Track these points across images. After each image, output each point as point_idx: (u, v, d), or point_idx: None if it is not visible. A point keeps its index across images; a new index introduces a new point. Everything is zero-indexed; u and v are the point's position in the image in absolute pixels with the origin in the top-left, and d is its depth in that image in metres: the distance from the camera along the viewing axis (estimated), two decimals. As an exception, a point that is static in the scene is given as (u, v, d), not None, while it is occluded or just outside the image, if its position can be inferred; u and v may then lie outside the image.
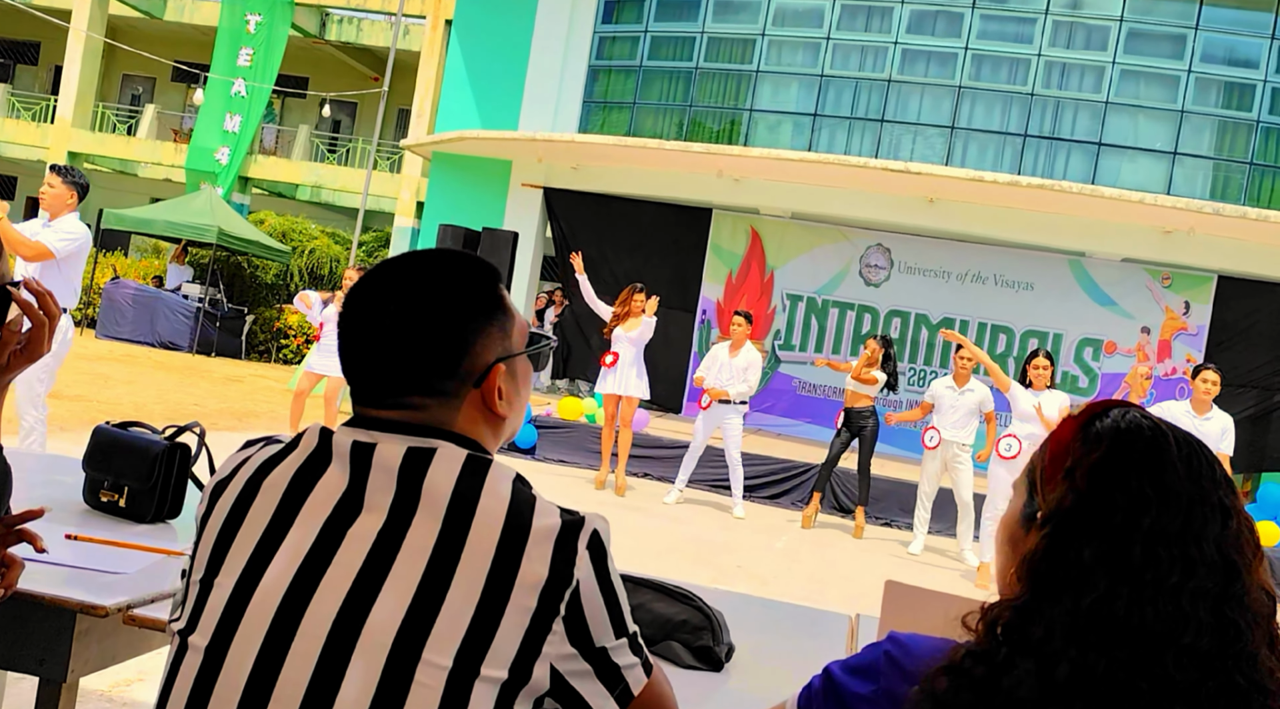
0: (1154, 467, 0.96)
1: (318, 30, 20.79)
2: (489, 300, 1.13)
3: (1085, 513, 0.95)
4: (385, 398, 1.09)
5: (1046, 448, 1.03)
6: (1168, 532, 0.93)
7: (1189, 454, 0.97)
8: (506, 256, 10.76)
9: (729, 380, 8.12)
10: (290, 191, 21.42)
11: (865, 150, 12.31)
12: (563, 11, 13.55)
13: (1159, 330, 11.87)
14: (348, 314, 1.12)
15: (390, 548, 1.00)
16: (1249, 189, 11.58)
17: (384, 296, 1.10)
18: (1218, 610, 0.91)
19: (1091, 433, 1.00)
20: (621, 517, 7.40)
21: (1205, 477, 0.96)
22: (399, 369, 1.09)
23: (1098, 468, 0.97)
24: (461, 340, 1.09)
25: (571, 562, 1.00)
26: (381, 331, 1.09)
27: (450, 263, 1.14)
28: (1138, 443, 0.98)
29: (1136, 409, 1.03)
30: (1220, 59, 11.69)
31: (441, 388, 1.09)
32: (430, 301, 1.09)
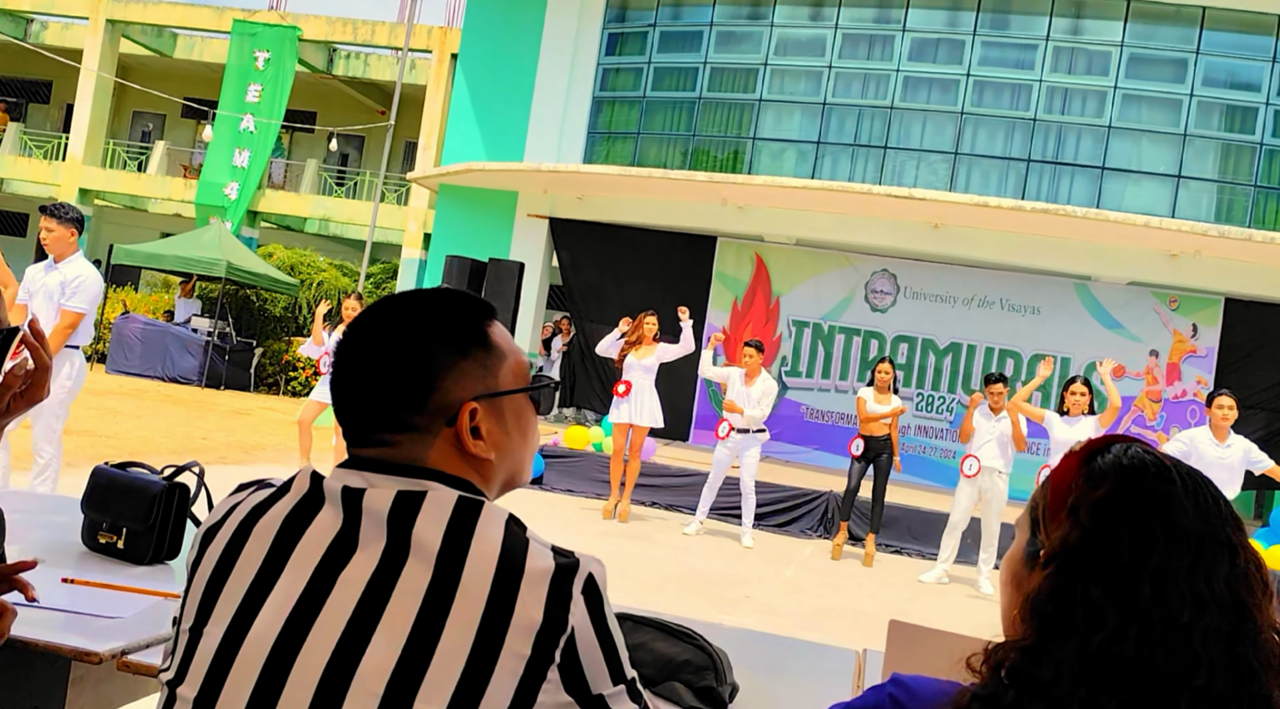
0: (1160, 503, 0.94)
1: (325, 66, 21.02)
2: (464, 335, 1.11)
3: (1091, 551, 0.93)
4: (366, 435, 1.09)
5: (1048, 485, 1.01)
6: (1176, 569, 0.91)
7: (1195, 490, 0.96)
8: (512, 287, 10.81)
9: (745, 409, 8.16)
10: (299, 225, 21.56)
11: (869, 177, 12.35)
12: (567, 44, 13.68)
13: (1167, 353, 11.82)
14: (336, 355, 1.13)
15: (382, 593, 0.99)
16: (1254, 211, 11.57)
17: (362, 334, 1.11)
18: (1231, 651, 0.89)
19: (1094, 469, 0.98)
20: (629, 547, 7.37)
21: (1212, 513, 0.94)
22: (370, 404, 1.09)
23: (1102, 505, 0.95)
24: (427, 373, 1.08)
25: (566, 607, 0.98)
26: (356, 368, 1.10)
27: (430, 299, 1.13)
28: (1143, 479, 0.96)
29: (1139, 444, 1.01)
30: (1222, 83, 11.73)
31: (410, 422, 1.07)
32: (398, 335, 1.09)
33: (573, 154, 13.56)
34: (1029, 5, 12.08)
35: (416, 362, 1.08)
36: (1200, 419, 7.38)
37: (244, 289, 16.64)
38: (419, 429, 1.07)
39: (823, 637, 5.25)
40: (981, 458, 7.47)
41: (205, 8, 20.17)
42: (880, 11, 12.58)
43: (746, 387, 8.18)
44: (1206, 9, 11.58)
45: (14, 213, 24.07)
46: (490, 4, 14.14)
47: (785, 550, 8.27)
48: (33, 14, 21.81)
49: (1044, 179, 12.01)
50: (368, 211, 17.89)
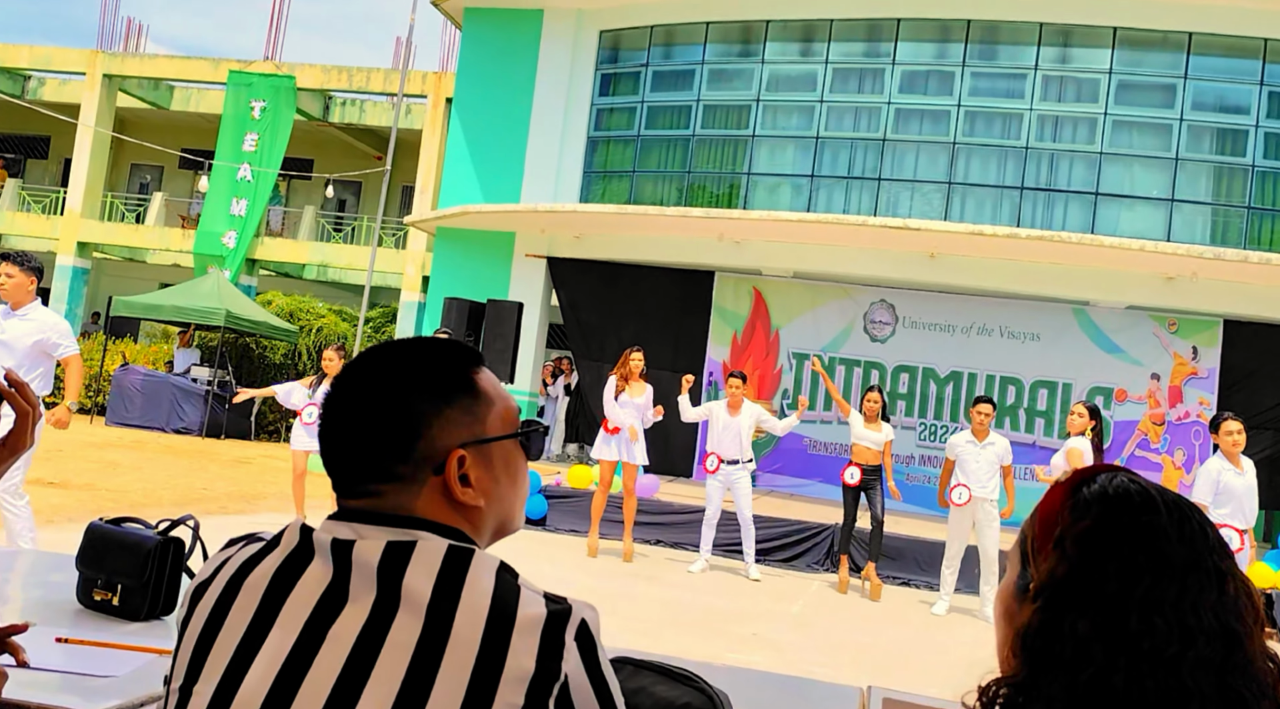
0: (1145, 533, 0.93)
1: (321, 113, 21.21)
2: (449, 383, 1.10)
3: (1078, 583, 0.93)
4: (352, 485, 1.08)
5: (1036, 516, 1.01)
6: (1163, 600, 0.90)
7: (1180, 519, 0.95)
8: (512, 327, 10.82)
9: (731, 442, 8.12)
10: (297, 271, 21.64)
11: (864, 208, 12.41)
12: (560, 85, 13.82)
13: (1169, 376, 11.80)
14: (323, 407, 1.13)
15: (372, 648, 0.97)
16: (1248, 233, 11.61)
17: (346, 386, 1.11)
18: (1221, 681, 0.88)
19: (1080, 500, 0.98)
20: (635, 586, 7.30)
21: (1198, 541, 0.94)
22: (356, 454, 1.08)
23: (1087, 536, 0.95)
24: (411, 423, 1.07)
25: (559, 655, 0.97)
26: (341, 419, 1.09)
27: (414, 348, 1.12)
28: (1127, 508, 0.95)
29: (1125, 473, 1.00)
30: (1211, 106, 11.82)
31: (396, 472, 1.07)
32: (381, 385, 1.09)
33: (569, 194, 13.64)
34: (1016, 35, 12.21)
35: (400, 411, 1.07)
36: (1205, 441, 7.32)
37: (243, 337, 16.66)
38: (405, 479, 1.06)
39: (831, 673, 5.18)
40: (971, 486, 7.37)
41: (201, 60, 20.39)
42: (870, 45, 12.72)
43: (733, 417, 8.19)
44: (1193, 34, 11.71)
45: (14, 267, 24.12)
46: (483, 48, 14.30)
47: (792, 586, 8.19)
48: (30, 71, 22.05)
49: (1038, 206, 12.07)
50: (366, 256, 17.97)
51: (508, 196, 13.69)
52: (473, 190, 14.07)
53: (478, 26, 14.40)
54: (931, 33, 12.50)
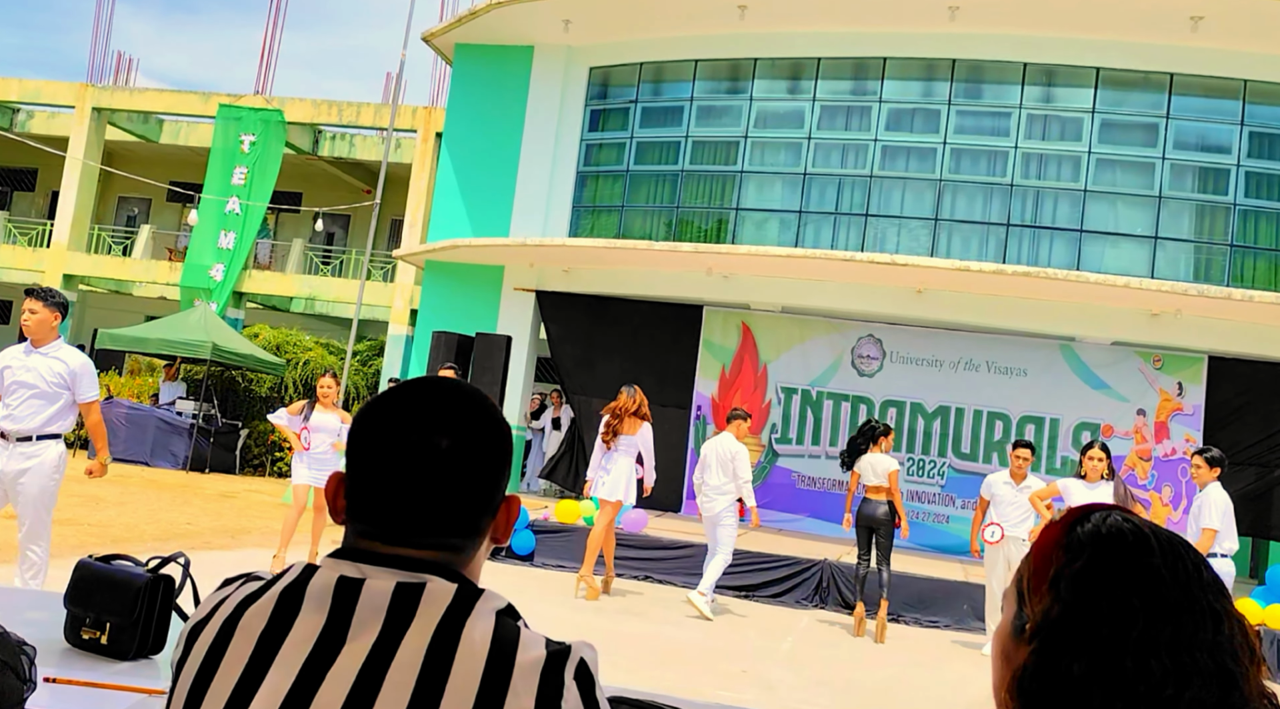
0: (1138, 573, 0.93)
1: (311, 147, 21.28)
2: (510, 438, 1.14)
3: (1071, 625, 0.92)
4: (420, 537, 1.05)
5: (1032, 555, 1.01)
6: (1158, 641, 0.89)
7: (1174, 559, 0.94)
8: (500, 360, 10.80)
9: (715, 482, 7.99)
10: (284, 304, 21.59)
11: (851, 244, 12.49)
12: (550, 121, 13.92)
13: (1154, 412, 11.86)
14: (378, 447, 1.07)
15: (371, 688, 0.97)
16: (1231, 270, 11.74)
17: (431, 435, 1.06)
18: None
19: (1073, 540, 0.97)
20: (624, 624, 7.23)
21: (1192, 581, 0.93)
22: (448, 511, 1.06)
23: (1080, 577, 0.94)
24: (500, 479, 1.11)
25: (559, 694, 0.97)
26: (434, 472, 1.05)
27: (481, 403, 1.12)
28: (1121, 548, 0.95)
29: (1119, 512, 0.99)
30: (1193, 145, 11.99)
31: (480, 526, 1.09)
32: (482, 442, 1.08)
33: (558, 228, 13.69)
34: (1001, 74, 12.39)
35: (497, 470, 1.10)
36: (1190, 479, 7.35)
37: (230, 370, 16.56)
38: (483, 532, 1.10)
39: (825, 712, 5.13)
40: (1005, 526, 7.38)
41: (191, 93, 20.46)
42: (857, 83, 12.88)
43: None
44: (1174, 75, 11.90)
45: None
46: (474, 84, 14.41)
47: (782, 622, 8.13)
48: (19, 104, 22.08)
49: (1024, 243, 12.18)
50: (354, 290, 17.95)
51: (497, 230, 13.73)
52: (462, 224, 14.10)
53: (468, 62, 14.52)
54: (917, 71, 12.67)
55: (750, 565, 8.93)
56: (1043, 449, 11.96)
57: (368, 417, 1.10)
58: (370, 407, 1.11)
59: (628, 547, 9.37)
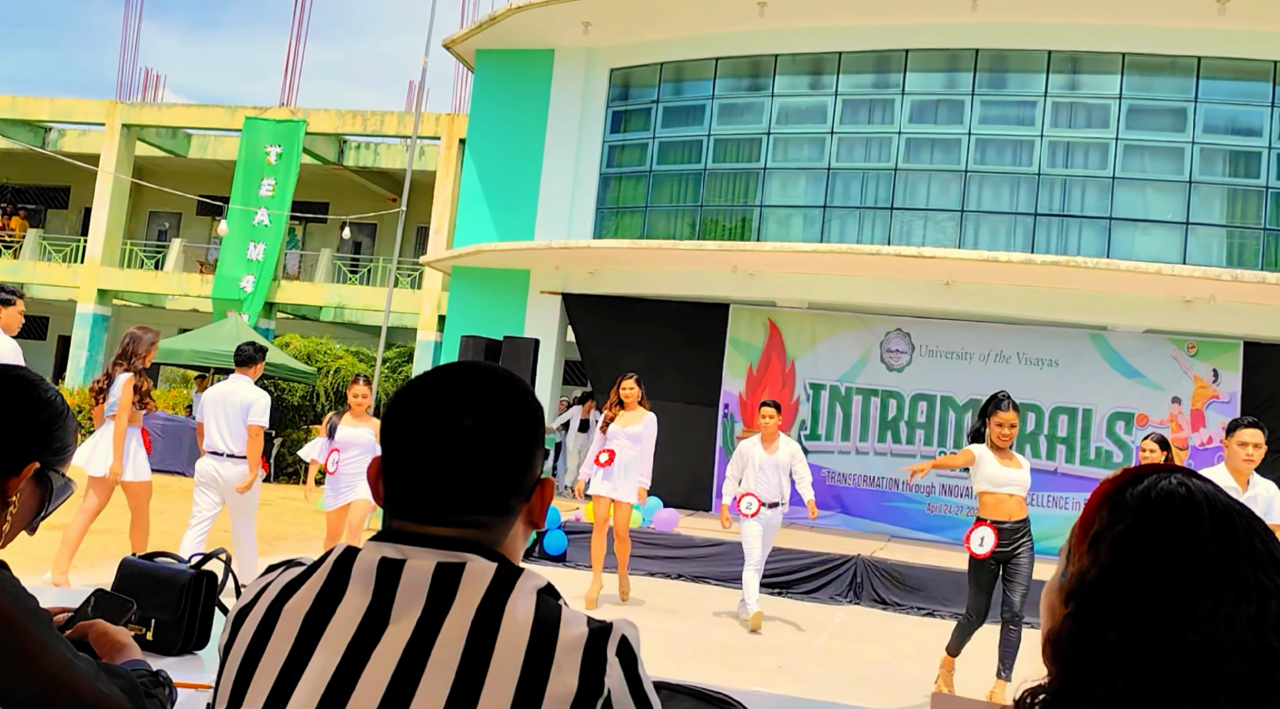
0: (1181, 540, 0.90)
1: (336, 157, 21.48)
2: (541, 417, 1.15)
3: (1108, 589, 0.90)
4: (450, 516, 1.07)
5: (1082, 513, 0.99)
6: (1196, 613, 0.86)
7: (1223, 529, 0.90)
8: (528, 363, 10.83)
9: (769, 482, 7.22)
10: (314, 314, 21.81)
11: (877, 238, 12.43)
12: (572, 124, 13.96)
13: (1190, 400, 11.70)
14: (405, 430, 1.10)
15: (416, 668, 0.98)
16: (1265, 254, 11.56)
17: (455, 414, 1.08)
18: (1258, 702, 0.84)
19: (1120, 501, 0.95)
20: (656, 620, 7.24)
21: (1240, 553, 0.89)
22: (474, 489, 1.08)
23: (1122, 540, 0.92)
24: (530, 458, 1.11)
25: (602, 670, 0.99)
26: (458, 450, 1.07)
27: (509, 381, 1.14)
28: (1167, 514, 0.92)
29: (1179, 474, 0.96)
30: (1223, 129, 11.82)
31: (509, 505, 1.10)
32: (508, 421, 1.10)
33: (583, 230, 13.73)
34: (1025, 63, 12.27)
35: (525, 447, 1.11)
36: None
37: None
38: (513, 511, 1.10)
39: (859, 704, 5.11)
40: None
41: (218, 107, 20.72)
42: (879, 77, 12.81)
43: (770, 454, 7.24)
44: (1202, 59, 11.74)
45: (35, 316, 24.42)
46: (495, 89, 14.48)
47: (816, 618, 8.11)
48: (50, 123, 22.46)
49: (1052, 232, 12.06)
50: (382, 297, 18.08)
51: (522, 234, 13.79)
52: (487, 229, 14.18)
53: (489, 68, 14.59)
54: (940, 63, 12.58)
55: (781, 562, 8.91)
56: (1075, 440, 11.83)
57: (397, 400, 1.12)
58: (400, 391, 1.14)
59: (660, 546, 9.38)
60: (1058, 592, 0.97)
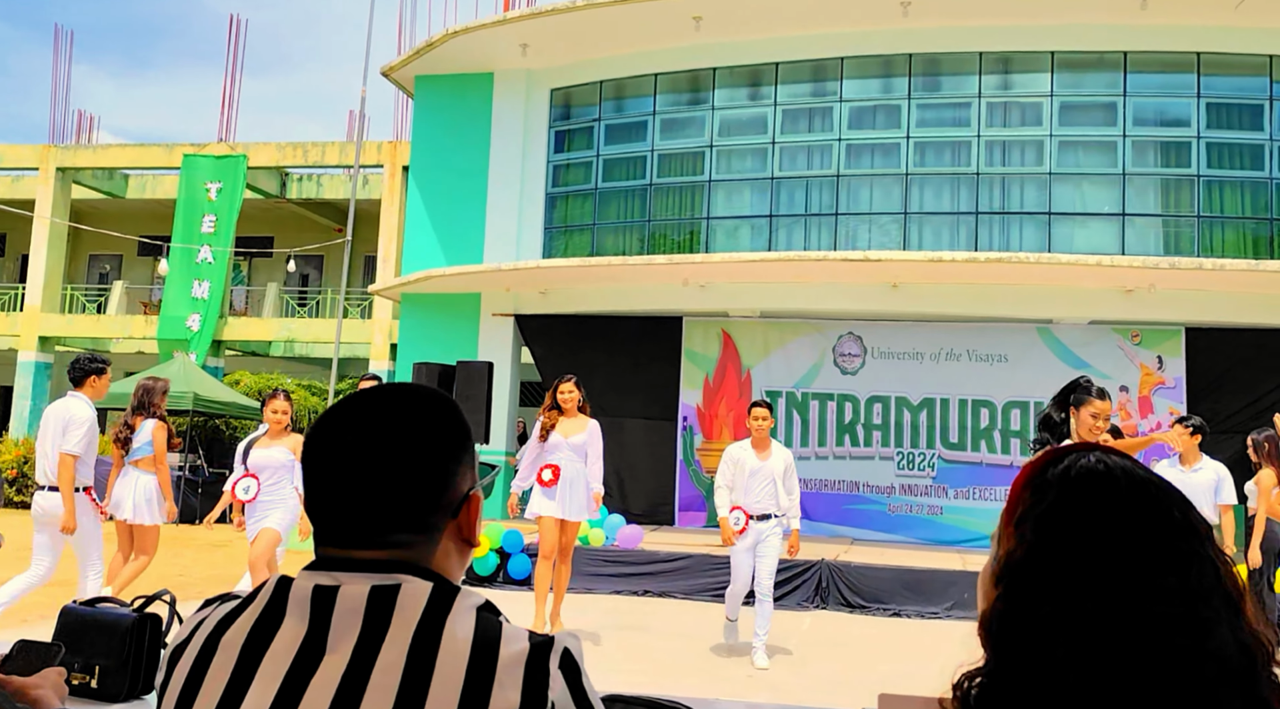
0: (1101, 514, 0.91)
1: (279, 190, 21.24)
2: (465, 432, 1.13)
3: (1035, 568, 0.91)
4: (371, 537, 1.06)
5: (1008, 496, 1.00)
6: (1119, 585, 0.87)
7: (1145, 500, 0.92)
8: (483, 387, 10.76)
9: (761, 492, 6.45)
10: (264, 349, 21.50)
11: (824, 244, 12.55)
12: (515, 145, 13.95)
13: (1137, 388, 11.93)
14: (322, 454, 1.09)
15: (355, 694, 0.96)
16: (1200, 241, 11.85)
17: (368, 436, 1.08)
18: (1185, 667, 0.85)
19: (1042, 481, 0.96)
20: (625, 636, 7.20)
21: (1160, 523, 0.91)
22: (390, 508, 1.06)
23: (1045, 518, 0.93)
24: (449, 474, 1.09)
25: (545, 684, 0.98)
26: (372, 471, 1.06)
27: (425, 397, 1.13)
28: (1087, 490, 0.93)
29: (1099, 453, 0.97)
30: (1152, 121, 12.13)
31: (430, 523, 1.08)
32: (422, 438, 1.09)
33: (531, 251, 13.70)
34: (958, 65, 12.50)
35: (441, 463, 1.09)
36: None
37: (213, 419, 16.44)
38: (435, 528, 1.08)
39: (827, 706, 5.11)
40: None
41: (155, 146, 20.40)
42: (816, 85, 12.97)
43: (762, 460, 6.48)
44: (1128, 53, 12.05)
45: (-26, 366, 23.80)
46: (436, 114, 14.43)
47: (784, 625, 8.10)
48: (-18, 169, 21.98)
49: (994, 230, 12.27)
50: (332, 329, 17.89)
51: (470, 258, 13.73)
52: (435, 255, 14.09)
53: (429, 93, 14.55)
54: (875, 69, 12.77)
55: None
56: (1029, 433, 12.00)
57: (316, 424, 1.12)
58: (321, 415, 1.13)
59: (625, 563, 9.34)
60: (989, 575, 0.97)
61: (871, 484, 12.30)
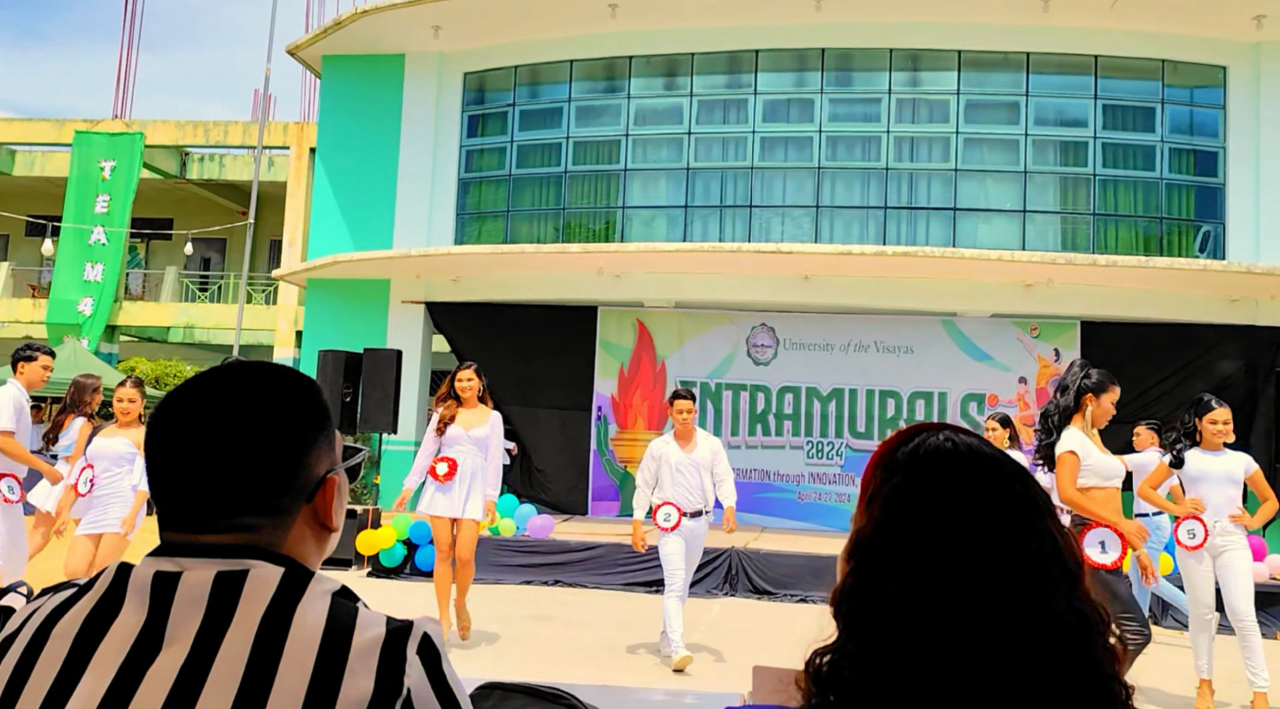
0: (945, 491, 0.94)
1: (178, 171, 20.48)
2: (321, 412, 1.09)
3: (882, 543, 0.93)
4: (215, 520, 1.01)
5: (862, 477, 1.03)
6: (962, 557, 0.90)
7: (991, 478, 0.95)
8: (391, 376, 10.56)
9: (690, 487, 6.12)
10: (161, 335, 20.73)
11: (738, 236, 12.64)
12: (427, 129, 13.68)
13: (1035, 379, 12.33)
14: (165, 433, 1.03)
15: (194, 685, 0.91)
16: (1095, 238, 12.28)
17: (212, 413, 1.03)
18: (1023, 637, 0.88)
19: (892, 460, 0.99)
20: (532, 627, 7.13)
21: (1002, 497, 0.93)
22: (235, 488, 1.01)
23: (893, 496, 0.95)
24: (300, 454, 1.04)
25: (401, 670, 0.94)
26: (212, 450, 1.01)
27: (277, 376, 1.09)
28: (934, 467, 0.96)
29: (949, 431, 1.00)
30: (1052, 121, 12.51)
31: (279, 505, 1.03)
32: (269, 416, 1.04)
33: (443, 237, 13.47)
34: (869, 61, 12.69)
35: (290, 442, 1.04)
36: None
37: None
38: (285, 511, 1.03)
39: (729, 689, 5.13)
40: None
41: (45, 121, 19.47)
42: (731, 77, 13.03)
43: (687, 452, 6.17)
44: (1030, 54, 12.40)
45: None
46: (345, 96, 14.06)
47: (693, 613, 8.13)
48: None
49: (902, 224, 12.51)
50: (234, 315, 17.33)
51: (379, 243, 13.43)
52: (343, 239, 13.75)
53: (337, 74, 14.17)
54: (789, 63, 12.89)
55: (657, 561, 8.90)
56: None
57: (159, 405, 1.06)
58: (165, 396, 1.07)
59: (536, 553, 9.26)
60: (843, 553, 0.99)
61: (782, 473, 12.46)
